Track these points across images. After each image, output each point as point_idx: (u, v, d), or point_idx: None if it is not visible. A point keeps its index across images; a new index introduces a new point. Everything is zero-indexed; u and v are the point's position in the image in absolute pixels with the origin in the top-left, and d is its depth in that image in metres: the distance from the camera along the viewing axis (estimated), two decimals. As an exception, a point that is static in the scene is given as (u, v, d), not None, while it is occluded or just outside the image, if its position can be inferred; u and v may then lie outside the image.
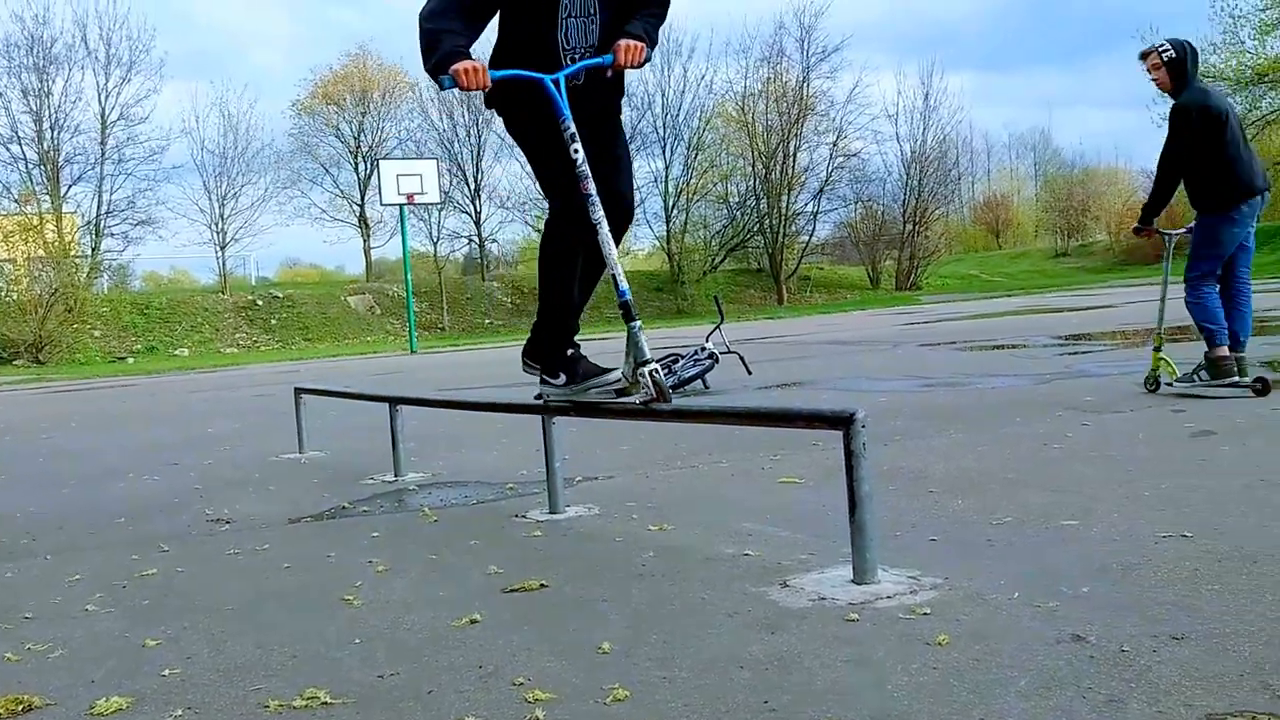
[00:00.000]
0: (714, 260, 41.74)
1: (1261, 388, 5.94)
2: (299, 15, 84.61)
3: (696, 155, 41.15)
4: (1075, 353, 10.15)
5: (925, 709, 1.90)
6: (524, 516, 3.98)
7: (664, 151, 40.87)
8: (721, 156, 42.22)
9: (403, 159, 31.40)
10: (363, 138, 41.79)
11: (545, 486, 4.03)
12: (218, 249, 36.98)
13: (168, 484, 5.58)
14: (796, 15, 41.79)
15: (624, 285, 3.42)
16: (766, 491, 4.19)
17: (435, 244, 40.50)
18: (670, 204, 41.09)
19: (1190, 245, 6.36)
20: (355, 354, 26.74)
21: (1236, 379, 6.05)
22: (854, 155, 41.96)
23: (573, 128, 3.41)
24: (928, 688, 2.00)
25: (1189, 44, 6.28)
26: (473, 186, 40.47)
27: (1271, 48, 36.67)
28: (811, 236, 43.13)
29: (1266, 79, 35.96)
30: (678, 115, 40.60)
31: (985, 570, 2.79)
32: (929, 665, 2.12)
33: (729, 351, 9.21)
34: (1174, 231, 6.72)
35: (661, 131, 40.67)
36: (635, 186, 3.80)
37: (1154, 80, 6.38)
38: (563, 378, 3.80)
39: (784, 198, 40.72)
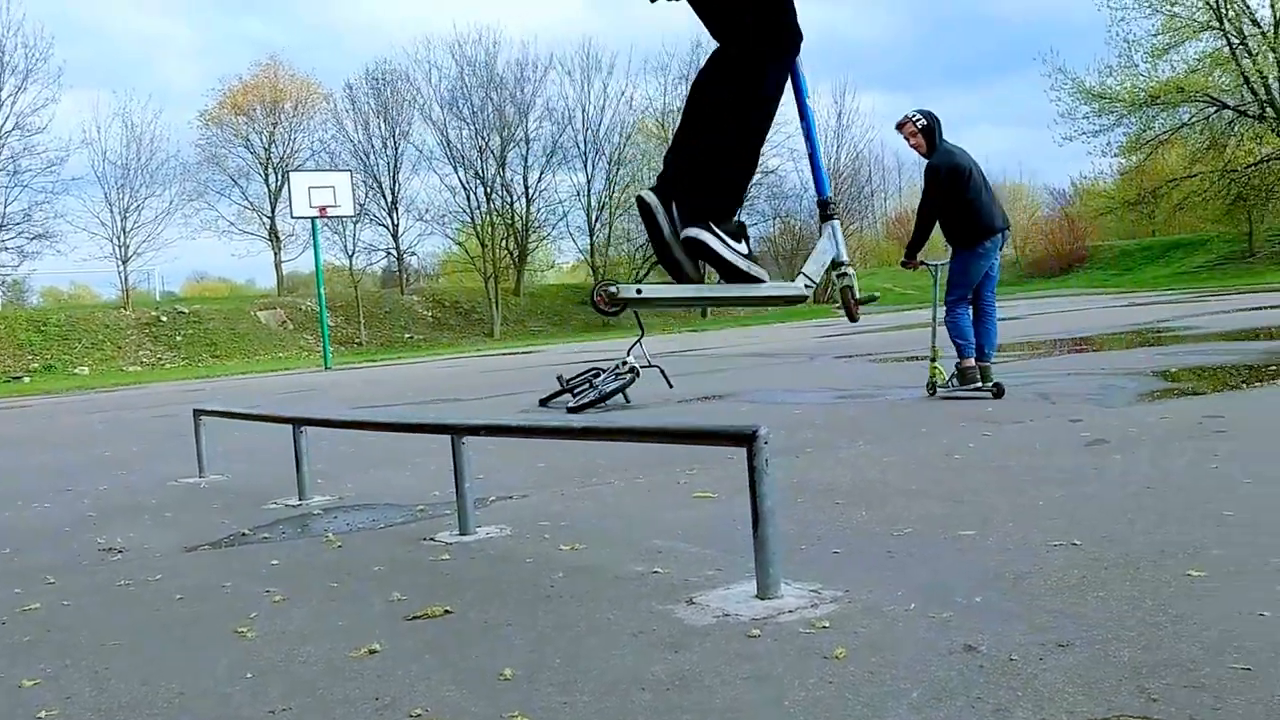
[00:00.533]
0: (638, 273, 41.90)
1: (997, 392, 7.15)
2: (204, 25, 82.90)
3: (618, 170, 41.41)
4: (983, 364, 10.38)
5: (809, 713, 1.94)
6: (432, 539, 3.95)
7: (586, 165, 41.10)
8: (643, 171, 42.52)
9: (315, 170, 30.96)
10: (273, 149, 41.25)
11: (456, 508, 4.00)
12: (120, 263, 36.09)
13: (59, 511, 5.42)
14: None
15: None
16: (680, 507, 4.21)
17: (351, 257, 40.11)
18: (593, 218, 41.22)
19: (947, 275, 7.58)
20: (266, 371, 26.26)
21: (979, 383, 7.31)
22: (771, 172, 42.54)
23: None
24: (823, 702, 2.04)
25: (934, 113, 7.50)
26: (390, 199, 40.16)
27: (1163, 71, 38.21)
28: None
29: (1158, 101, 37.42)
30: (599, 130, 40.83)
31: (885, 582, 2.85)
32: (826, 679, 2.16)
33: (650, 365, 9.26)
34: (936, 263, 7.82)
35: (583, 146, 40.86)
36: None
37: (912, 145, 7.55)
38: (744, 246, 2.88)
39: (703, 212, 41.03)
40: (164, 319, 34.75)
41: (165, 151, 40.96)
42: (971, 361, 7.43)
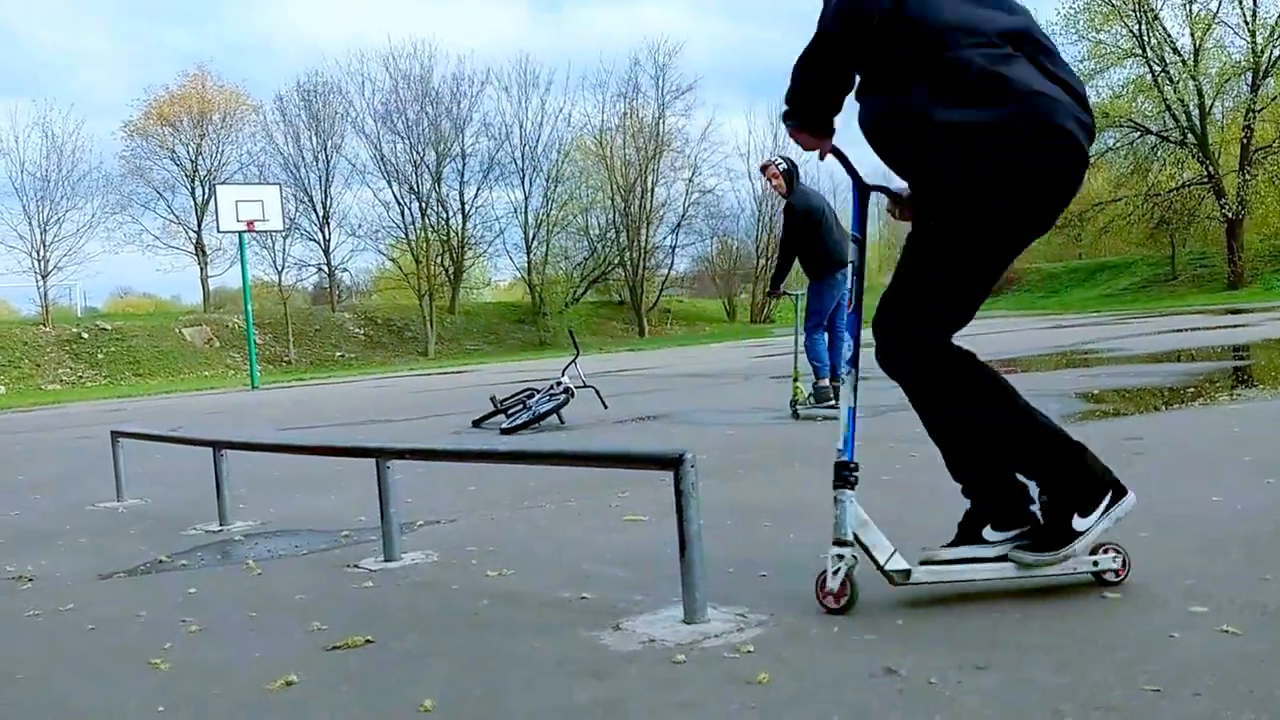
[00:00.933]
0: (575, 292, 41.96)
1: None
2: (127, 34, 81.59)
3: (556, 187, 41.44)
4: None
5: (739, 752, 1.95)
6: (356, 566, 3.90)
7: (523, 182, 41.07)
8: (581, 189, 42.62)
9: (244, 184, 30.53)
10: (201, 161, 40.59)
11: (381, 533, 3.96)
12: (39, 278, 35.19)
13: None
14: (651, 53, 42.58)
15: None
16: (611, 530, 4.21)
17: (280, 273, 39.57)
18: (530, 235, 41.16)
19: (805, 303, 8.48)
20: (190, 390, 25.76)
21: (832, 402, 7.84)
22: (709, 191, 42.92)
23: None
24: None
25: (794, 159, 8.63)
26: (321, 213, 39.73)
27: (1089, 96, 39.17)
28: (670, 270, 43.86)
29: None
30: (536, 147, 40.82)
31: (810, 605, 2.87)
32: (748, 705, 2.17)
33: (585, 386, 9.25)
34: (796, 292, 8.69)
35: (520, 162, 40.82)
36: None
37: (774, 186, 8.52)
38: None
39: (643, 231, 41.28)
40: (85, 336, 33.96)
41: (88, 163, 40.21)
42: (826, 381, 8.27)
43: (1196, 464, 4.73)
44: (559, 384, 9.05)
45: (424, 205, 39.53)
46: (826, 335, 8.38)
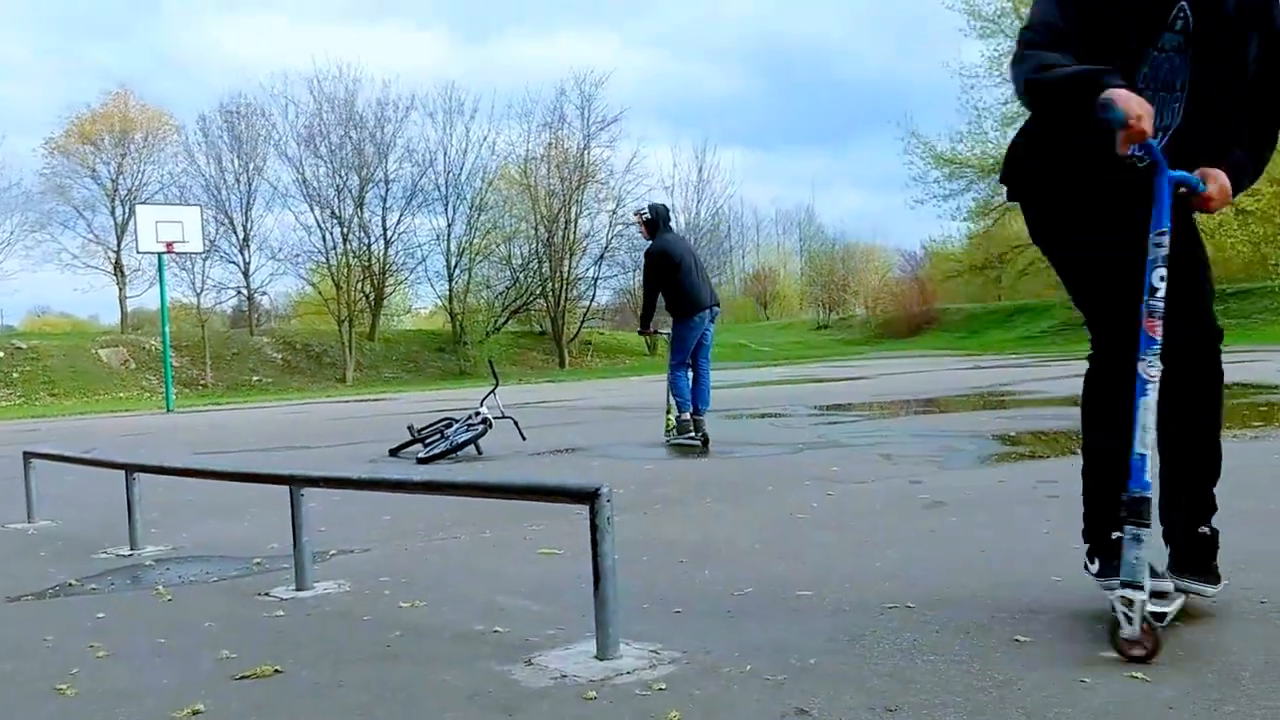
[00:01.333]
0: (496, 321, 41.71)
1: (705, 441, 8.52)
2: (48, 49, 79.75)
3: (479, 215, 41.22)
4: (829, 422, 10.69)
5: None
6: (267, 595, 3.82)
7: (446, 209, 40.76)
8: (504, 218, 42.45)
9: (164, 204, 29.86)
10: (121, 181, 39.66)
11: (293, 562, 3.88)
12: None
13: None
14: (577, 83, 42.67)
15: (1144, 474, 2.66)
16: (525, 563, 4.19)
17: (199, 295, 38.73)
18: (452, 263, 40.87)
19: (670, 342, 9.01)
20: (106, 412, 25.04)
21: (692, 434, 8.65)
22: (632, 224, 42.99)
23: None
24: (654, 767, 2.05)
25: (661, 206, 9.29)
26: (241, 236, 39.00)
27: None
28: (592, 301, 43.82)
29: (1010, 169, 39.36)
30: (460, 174, 40.63)
31: (723, 642, 2.89)
32: (658, 743, 2.17)
33: (503, 416, 9.19)
34: (664, 331, 9.27)
35: (444, 189, 40.56)
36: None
37: (640, 232, 9.39)
38: (1096, 564, 3.02)
39: (566, 262, 41.25)
40: (1, 354, 32.84)
41: (7, 179, 38.95)
42: (687, 415, 8.80)
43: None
44: (477, 414, 8.98)
45: (346, 230, 39.00)
46: (690, 372, 8.86)
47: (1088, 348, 3.02)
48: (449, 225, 40.77)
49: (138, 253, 30.38)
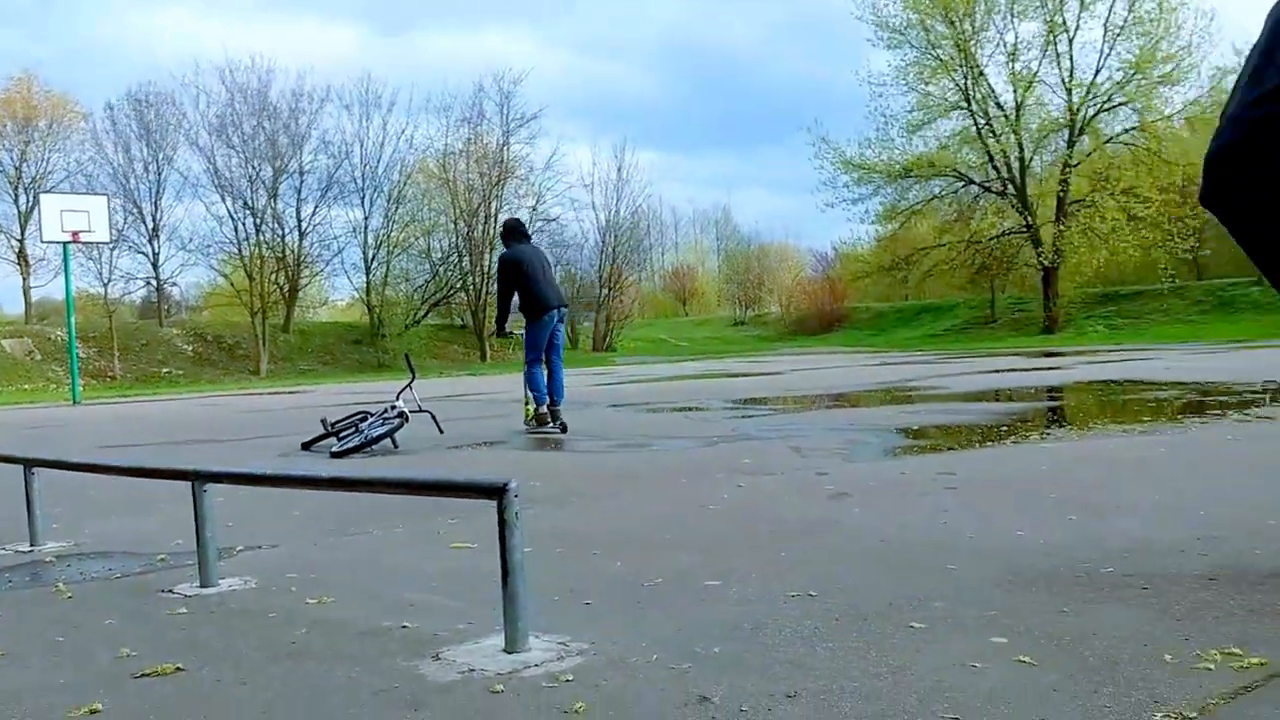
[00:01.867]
0: (416, 315, 41.27)
1: (563, 428, 9.43)
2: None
3: (397, 208, 40.76)
4: (742, 416, 10.80)
5: (551, 780, 1.95)
6: (171, 591, 3.73)
7: (363, 202, 40.22)
8: (423, 211, 42.03)
9: (70, 194, 28.95)
10: (25, 168, 38.34)
11: (197, 558, 3.80)
12: None
13: None
14: (496, 80, 42.43)
15: None
16: (437, 558, 4.15)
17: (106, 285, 37.69)
18: (370, 256, 40.33)
19: (524, 341, 9.84)
20: (9, 404, 24.20)
21: (550, 424, 9.55)
22: (553, 220, 42.99)
23: None
24: (557, 758, 2.05)
25: (516, 220, 10.63)
26: (151, 225, 37.99)
27: (917, 146, 41.22)
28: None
29: (912, 174, 40.32)
30: (377, 167, 40.10)
31: (631, 633, 2.90)
32: (562, 734, 2.18)
33: (420, 410, 9.11)
34: (519, 330, 10.02)
35: (360, 182, 40.01)
36: None
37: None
38: None
39: (486, 256, 40.99)
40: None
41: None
42: (544, 408, 9.68)
43: (1005, 499, 4.97)
44: (393, 408, 8.89)
45: (259, 221, 38.26)
46: (545, 367, 9.72)
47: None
48: (366, 218, 40.26)
49: (42, 242, 29.38)
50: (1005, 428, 8.38)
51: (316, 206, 39.64)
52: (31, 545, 4.71)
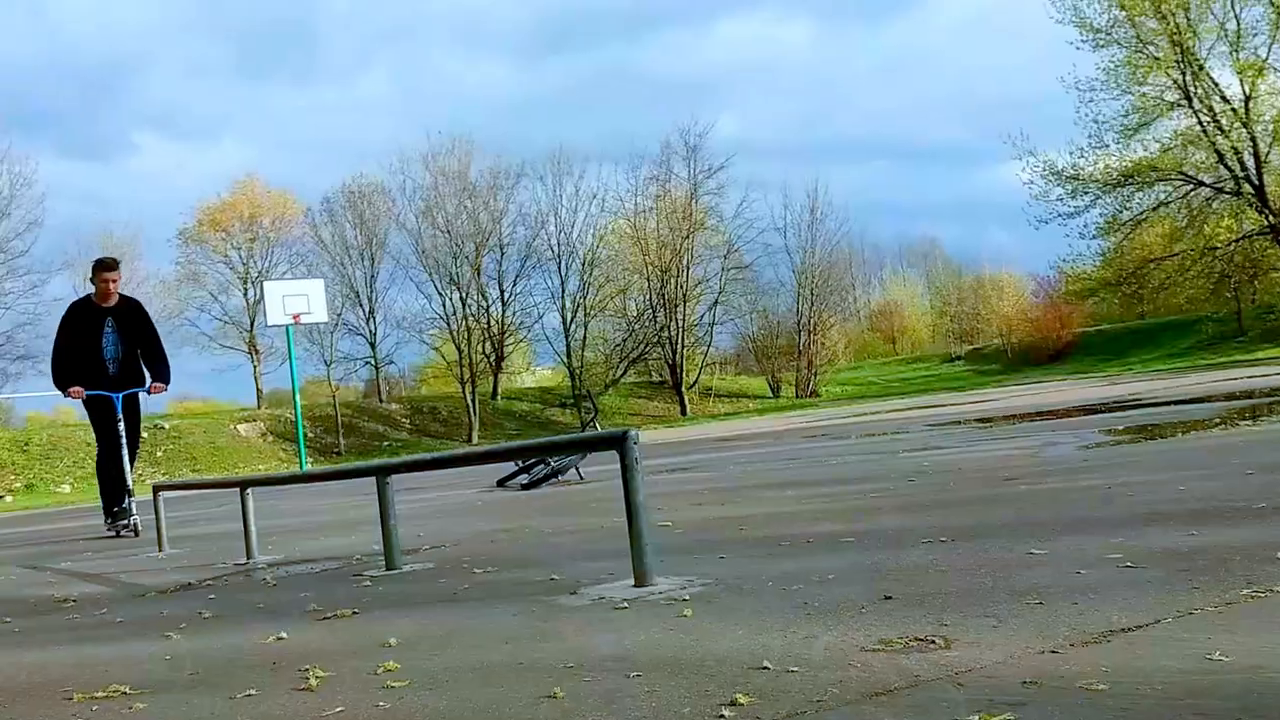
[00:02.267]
0: (615, 374, 42.41)
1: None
2: (177, 144, 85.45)
3: (592, 271, 42.16)
4: (944, 433, 10.74)
5: (641, 650, 2.25)
6: (359, 575, 4.23)
7: (560, 268, 41.83)
8: (617, 272, 43.27)
9: (290, 279, 31.53)
10: (252, 264, 41.93)
11: (382, 545, 4.28)
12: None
13: (20, 576, 5.69)
14: (682, 135, 43.43)
15: None
16: (598, 540, 4.51)
17: (329, 366, 40.50)
18: (569, 319, 41.84)
19: None
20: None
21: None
22: (746, 268, 43.39)
23: None
24: (655, 638, 2.35)
25: None
26: (367, 308, 40.72)
27: (1135, 150, 38.86)
28: (709, 347, 44.19)
29: (1132, 180, 38.20)
30: (571, 232, 41.73)
31: (755, 572, 3.17)
32: (666, 627, 2.47)
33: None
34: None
35: (556, 249, 41.68)
36: None
37: None
38: None
39: (680, 309, 41.76)
40: (144, 436, 34.91)
41: (144, 270, 41.62)
42: None
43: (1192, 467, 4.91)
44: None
45: (464, 295, 40.44)
46: None
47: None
48: (562, 283, 41.82)
49: (267, 326, 32.03)
50: (1216, 421, 8.09)
51: (516, 277, 41.65)
52: (247, 558, 5.35)
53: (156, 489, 6.57)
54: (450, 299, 40.45)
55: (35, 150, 67.87)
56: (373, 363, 42.47)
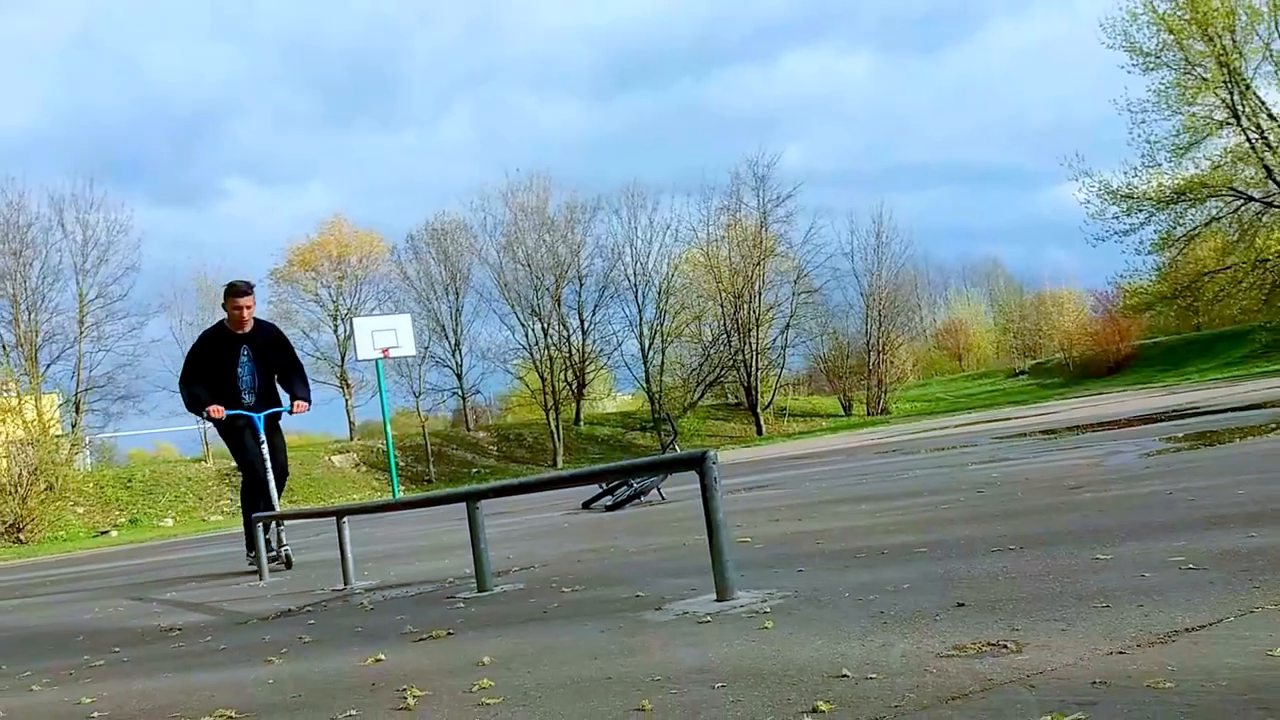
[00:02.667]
0: (692, 397, 42.41)
1: None
2: (265, 189, 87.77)
3: (667, 299, 42.30)
4: (1009, 446, 10.55)
5: (725, 661, 2.26)
6: (452, 597, 4.28)
7: (636, 297, 42.04)
8: (691, 299, 43.36)
9: (378, 315, 32.11)
10: (341, 300, 42.74)
11: (474, 568, 4.34)
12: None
13: (132, 606, 5.86)
14: (750, 166, 43.46)
15: None
16: (684, 557, 4.51)
17: (418, 398, 41.04)
18: (647, 346, 41.98)
19: None
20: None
21: None
22: (815, 291, 43.18)
23: None
24: (739, 650, 2.36)
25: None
26: (453, 341, 41.27)
27: (1187, 168, 38.41)
28: (783, 369, 44.04)
29: (1184, 198, 37.57)
30: (647, 263, 41.94)
31: (833, 583, 3.15)
32: (749, 639, 2.47)
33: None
34: None
35: (633, 279, 41.90)
36: None
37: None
38: None
39: (753, 333, 41.68)
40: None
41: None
42: None
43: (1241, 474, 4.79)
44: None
45: (545, 326, 40.79)
46: None
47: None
48: (639, 311, 42.00)
49: (357, 360, 32.58)
50: (1271, 427, 7.86)
51: (595, 306, 41.93)
52: (345, 584, 5.44)
53: (255, 519, 6.73)
54: (532, 329, 40.85)
55: (129, 198, 70.05)
56: (460, 393, 42.95)
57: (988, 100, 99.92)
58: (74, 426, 33.82)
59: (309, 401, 7.53)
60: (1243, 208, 38.18)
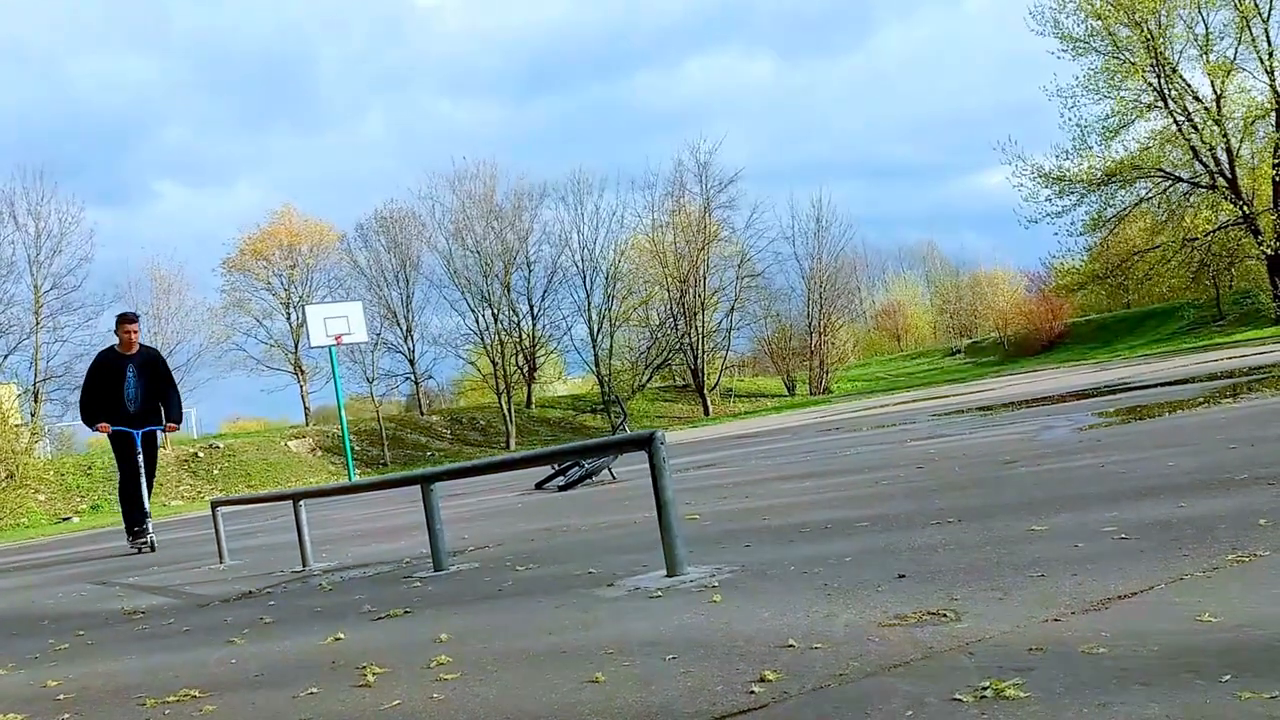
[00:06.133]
0: (640, 379, 42.48)
1: None
2: (206, 182, 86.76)
3: (615, 284, 42.28)
4: (949, 423, 10.69)
5: (675, 634, 2.27)
6: (409, 577, 4.26)
7: (584, 282, 41.96)
8: (638, 283, 43.38)
9: (330, 302, 31.73)
10: (293, 289, 42.16)
11: (430, 548, 4.32)
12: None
13: (93, 591, 5.75)
14: (693, 153, 43.56)
15: None
16: (633, 535, 4.53)
17: (371, 384, 40.67)
18: (595, 329, 41.94)
19: None
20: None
21: None
22: (758, 275, 43.40)
23: None
24: (689, 622, 2.38)
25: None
26: (404, 327, 40.91)
27: (1117, 151, 39.08)
28: (728, 351, 44.24)
29: (1115, 179, 38.25)
30: (594, 249, 41.85)
31: (777, 557, 3.18)
32: (698, 612, 2.49)
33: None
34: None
35: (581, 265, 41.80)
36: None
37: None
38: None
39: (699, 317, 41.81)
40: (200, 455, 35.14)
41: (192, 299, 41.88)
42: None
43: (1178, 445, 4.91)
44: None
45: (496, 311, 40.58)
46: None
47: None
48: (588, 296, 41.94)
49: (310, 348, 32.19)
50: (1198, 401, 8.04)
51: (544, 292, 41.77)
52: (303, 566, 5.39)
53: (214, 504, 6.63)
54: (483, 315, 40.64)
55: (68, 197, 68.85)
56: (412, 378, 42.65)
57: (884, 98, 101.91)
58: (33, 415, 33.12)
59: (179, 422, 8.93)
60: (1171, 188, 38.95)
